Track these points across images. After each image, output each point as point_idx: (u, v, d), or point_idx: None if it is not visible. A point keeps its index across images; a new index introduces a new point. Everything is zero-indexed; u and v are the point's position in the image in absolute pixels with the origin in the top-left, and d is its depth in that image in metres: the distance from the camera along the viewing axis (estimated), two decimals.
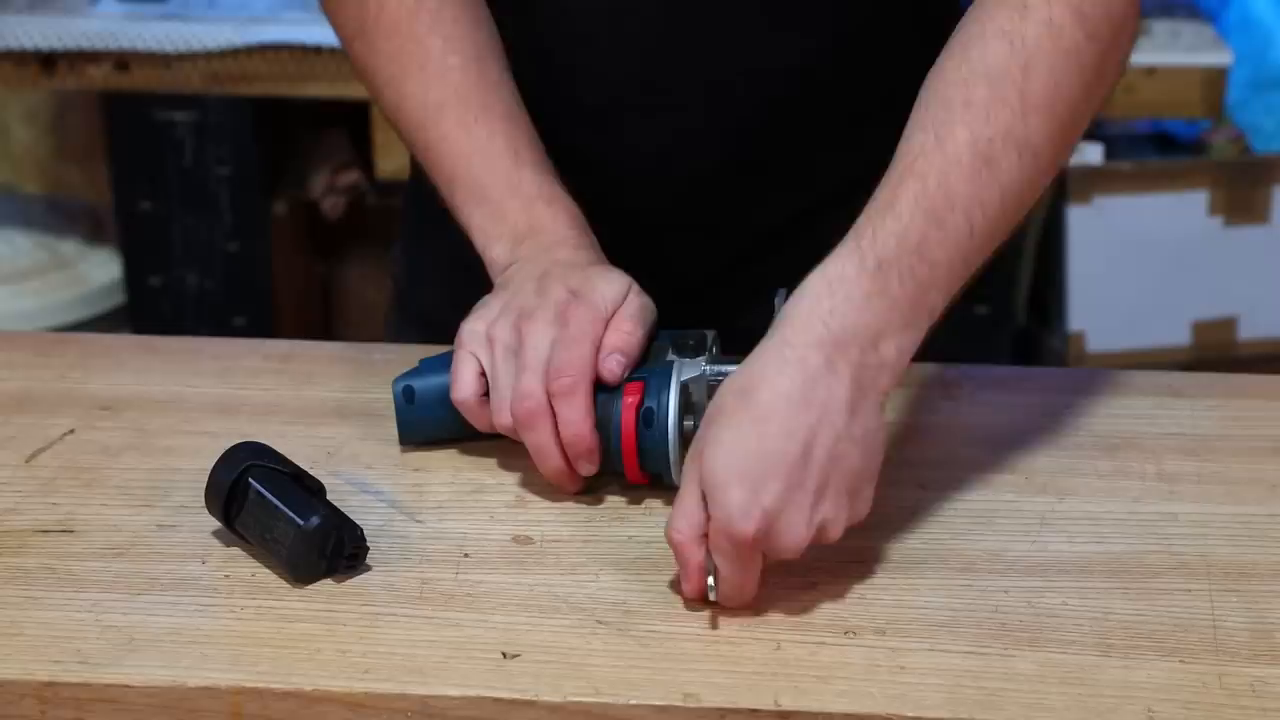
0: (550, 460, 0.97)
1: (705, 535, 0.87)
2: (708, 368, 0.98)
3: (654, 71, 1.11)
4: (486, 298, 1.02)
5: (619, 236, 1.08)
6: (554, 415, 0.96)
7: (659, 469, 0.97)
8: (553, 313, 0.97)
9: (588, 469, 0.97)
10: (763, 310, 1.00)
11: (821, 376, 0.87)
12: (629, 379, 0.97)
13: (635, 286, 1.01)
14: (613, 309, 0.99)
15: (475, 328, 1.00)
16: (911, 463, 1.02)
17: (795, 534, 0.86)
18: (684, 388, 0.96)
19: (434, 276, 1.25)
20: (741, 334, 1.04)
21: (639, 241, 1.10)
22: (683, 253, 1.15)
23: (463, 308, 1.02)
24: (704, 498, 0.87)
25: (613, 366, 0.96)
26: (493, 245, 1.05)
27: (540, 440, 0.96)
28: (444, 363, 1.02)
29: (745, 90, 1.11)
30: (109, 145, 2.43)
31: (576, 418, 0.95)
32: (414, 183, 1.27)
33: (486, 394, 0.99)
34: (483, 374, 0.99)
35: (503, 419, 0.97)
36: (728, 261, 1.17)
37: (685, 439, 0.96)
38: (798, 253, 1.16)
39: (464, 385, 0.99)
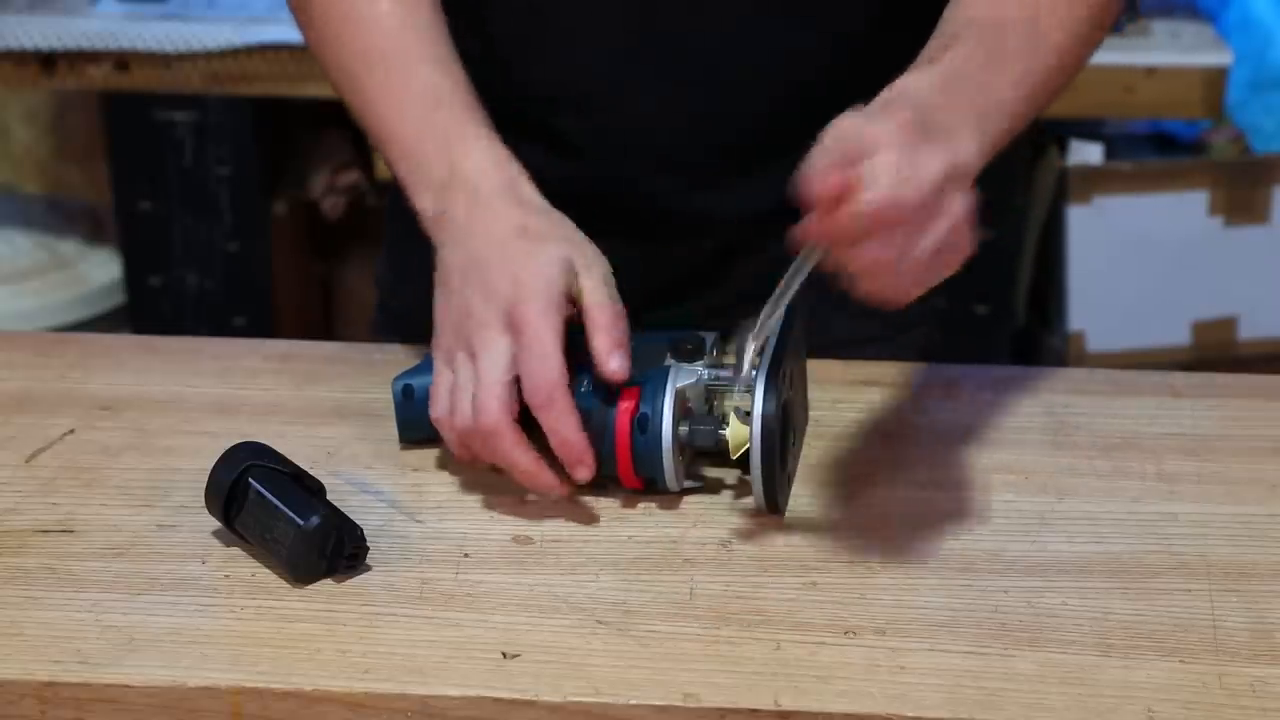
0: (539, 480, 0.95)
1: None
2: (705, 372, 0.98)
3: (638, 52, 1.10)
4: (437, 287, 1.00)
5: (613, 227, 1.08)
6: (514, 438, 0.94)
7: (654, 474, 0.97)
8: (501, 319, 0.94)
9: (584, 474, 0.95)
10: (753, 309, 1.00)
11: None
12: (625, 383, 0.96)
13: (579, 250, 0.97)
14: (562, 290, 0.95)
15: (438, 341, 0.98)
16: (911, 463, 1.02)
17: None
18: (680, 393, 0.96)
19: (417, 280, 1.25)
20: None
21: (634, 231, 1.11)
22: (676, 242, 1.15)
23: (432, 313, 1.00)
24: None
25: (616, 367, 0.95)
26: (419, 196, 1.03)
27: (516, 466, 0.95)
28: None
29: (732, 73, 1.11)
30: (109, 145, 2.43)
31: (562, 427, 0.93)
32: (396, 186, 1.28)
33: None
34: None
35: (461, 430, 0.95)
36: (718, 252, 1.17)
37: (680, 445, 0.96)
38: (774, 253, 1.15)
39: (437, 404, 0.97)
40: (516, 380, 0.94)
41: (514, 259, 0.96)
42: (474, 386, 0.94)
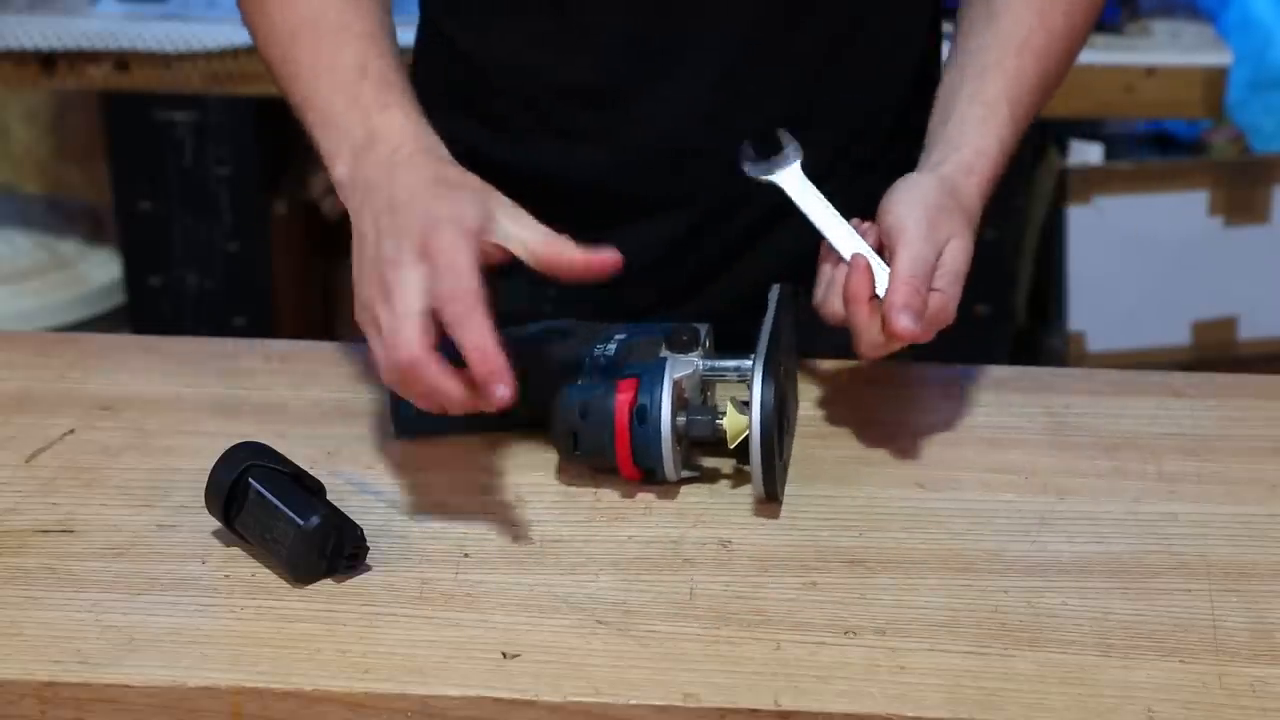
0: (455, 396, 0.91)
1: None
2: (700, 363, 0.99)
3: (651, 47, 1.11)
4: (353, 257, 0.97)
5: (627, 220, 1.08)
6: (436, 366, 0.90)
7: (653, 464, 0.97)
8: (414, 253, 0.91)
9: (504, 392, 0.89)
10: (752, 311, 1.01)
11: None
12: (623, 375, 0.97)
13: (496, 197, 0.96)
14: (477, 222, 0.93)
15: (358, 309, 0.95)
16: (911, 463, 1.02)
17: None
18: (677, 384, 0.97)
19: None
20: (740, 336, 1.05)
21: (647, 224, 1.11)
22: (679, 239, 1.16)
23: None
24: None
25: (610, 258, 0.94)
26: (335, 166, 1.01)
27: (446, 394, 0.91)
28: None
29: (743, 67, 1.11)
30: (109, 145, 2.43)
31: (478, 340, 0.89)
32: None
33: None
34: None
35: (389, 378, 0.92)
36: (721, 252, 1.17)
37: (678, 435, 0.97)
38: (785, 243, 1.16)
39: (380, 367, 0.93)
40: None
41: (428, 202, 0.94)
42: (391, 323, 0.91)
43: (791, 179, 1.04)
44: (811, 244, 1.18)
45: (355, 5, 1.05)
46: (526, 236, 0.94)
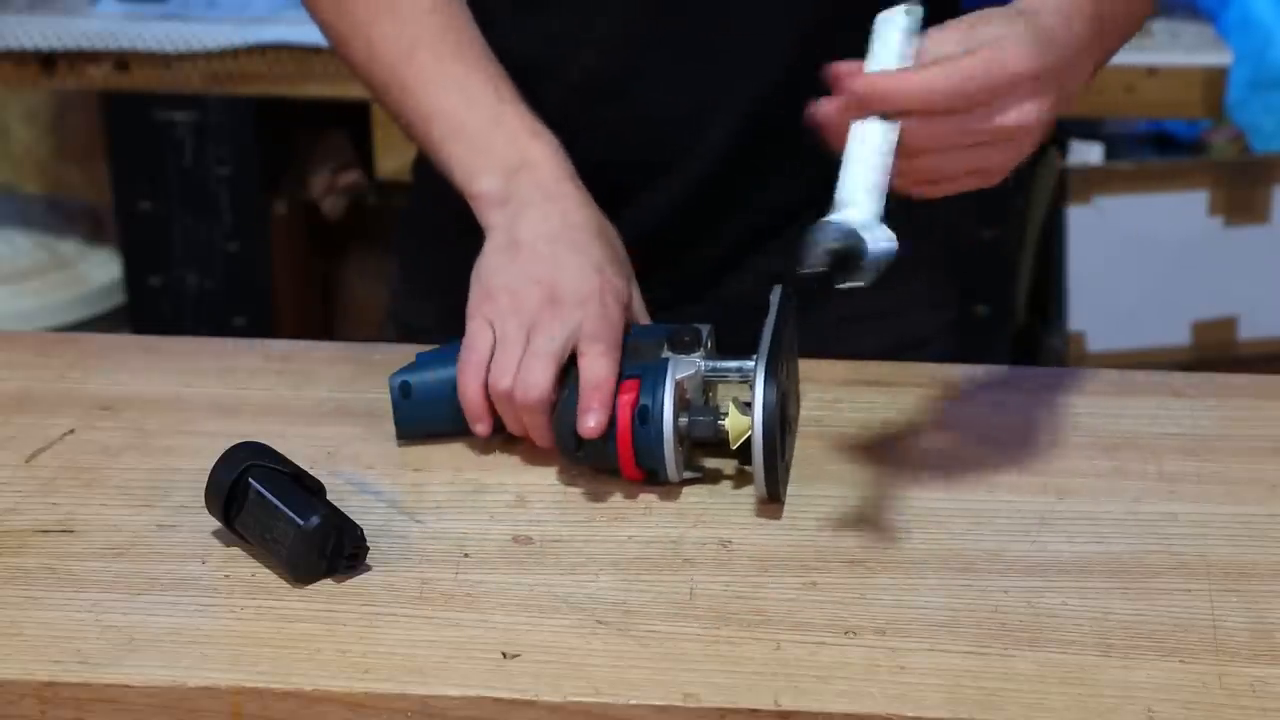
0: (541, 432, 1.00)
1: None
2: (703, 364, 0.99)
3: (663, 41, 1.11)
4: (496, 253, 1.02)
5: (628, 227, 1.08)
6: (546, 418, 0.98)
7: (655, 465, 0.97)
8: (577, 300, 0.99)
9: (595, 422, 0.97)
10: (759, 307, 1.01)
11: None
12: (624, 376, 0.98)
13: (629, 265, 1.06)
14: (628, 297, 1.02)
15: (483, 304, 1.00)
16: (912, 462, 1.02)
17: None
18: (679, 385, 0.97)
19: (430, 297, 1.25)
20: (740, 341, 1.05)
21: (648, 231, 1.11)
22: (690, 239, 1.16)
23: (454, 327, 1.02)
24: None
25: None
26: (480, 179, 1.04)
27: (537, 420, 0.99)
28: (439, 358, 1.03)
29: (754, 61, 1.11)
30: (109, 145, 2.43)
31: (603, 377, 0.97)
32: (415, 204, 1.28)
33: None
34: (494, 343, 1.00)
35: (498, 386, 0.99)
36: (731, 249, 1.17)
37: (680, 436, 0.97)
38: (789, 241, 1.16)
39: (469, 363, 1.00)
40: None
41: (596, 253, 1.01)
42: (526, 353, 0.98)
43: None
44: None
45: (464, 26, 1.09)
46: (641, 317, 1.05)
